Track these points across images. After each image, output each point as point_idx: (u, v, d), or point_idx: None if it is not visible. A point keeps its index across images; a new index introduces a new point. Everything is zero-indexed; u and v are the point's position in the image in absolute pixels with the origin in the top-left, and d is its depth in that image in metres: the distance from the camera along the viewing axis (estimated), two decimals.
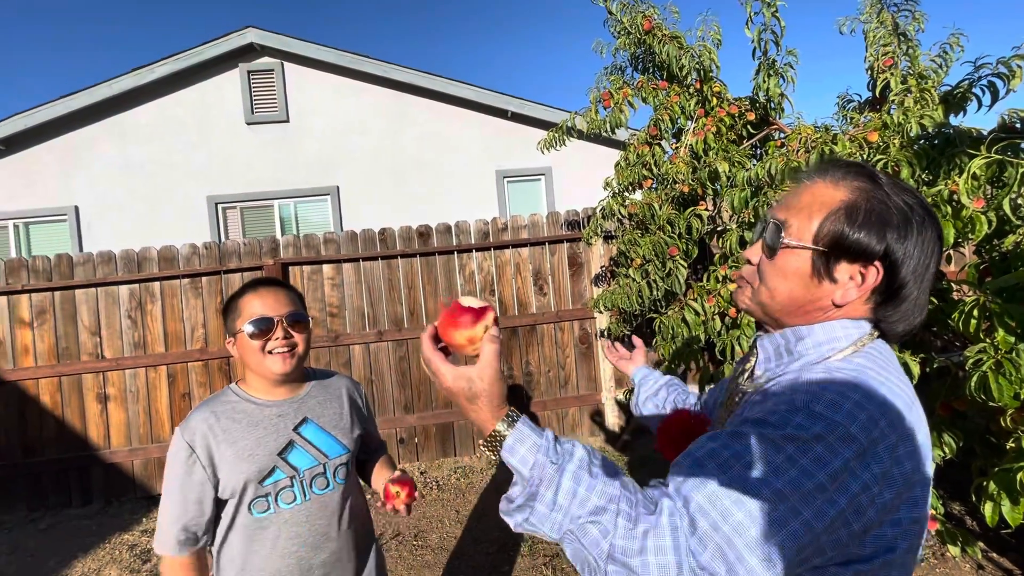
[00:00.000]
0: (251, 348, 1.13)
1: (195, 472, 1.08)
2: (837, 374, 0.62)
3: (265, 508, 1.11)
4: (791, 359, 0.70)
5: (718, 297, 2.32)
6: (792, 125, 2.50)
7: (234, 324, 1.16)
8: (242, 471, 1.09)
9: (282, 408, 1.18)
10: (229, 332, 1.19)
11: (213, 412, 1.13)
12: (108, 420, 3.89)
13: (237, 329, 1.15)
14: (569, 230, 4.14)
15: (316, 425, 1.19)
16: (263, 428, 1.14)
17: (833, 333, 0.68)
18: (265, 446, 1.12)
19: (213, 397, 1.18)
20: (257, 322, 1.12)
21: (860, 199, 0.65)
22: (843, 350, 0.66)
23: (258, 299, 1.15)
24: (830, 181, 0.69)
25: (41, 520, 3.70)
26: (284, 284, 1.23)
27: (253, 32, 6.29)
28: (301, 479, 1.14)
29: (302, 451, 1.16)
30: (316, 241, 4.06)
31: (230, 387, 1.21)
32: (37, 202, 6.31)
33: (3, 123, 6.06)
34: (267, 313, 1.13)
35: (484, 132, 6.78)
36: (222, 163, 6.49)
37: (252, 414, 1.15)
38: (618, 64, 3.24)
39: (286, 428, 1.16)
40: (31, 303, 3.83)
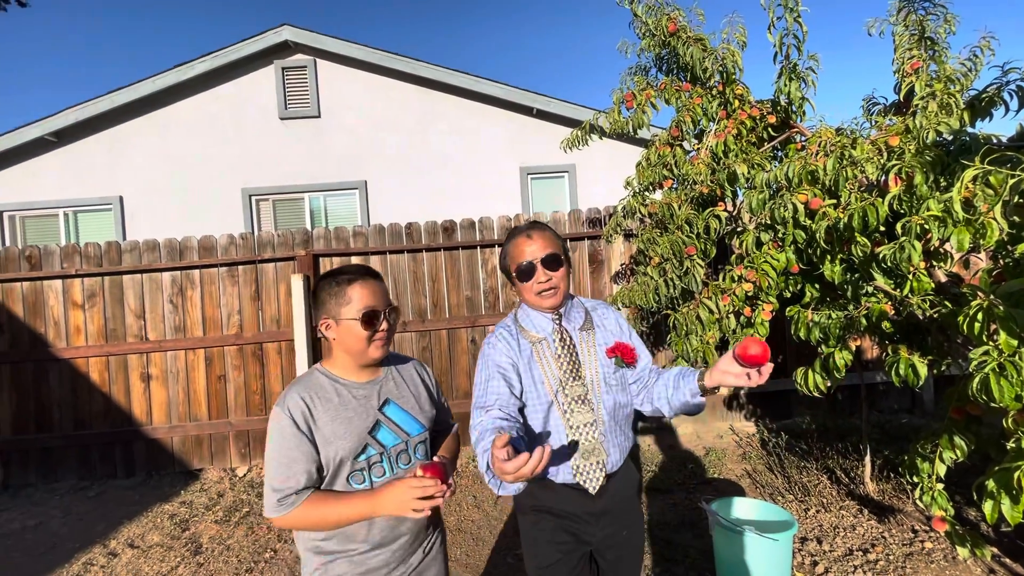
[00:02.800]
0: (357, 335, 1.19)
1: (303, 444, 1.13)
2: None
3: (362, 481, 1.19)
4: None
5: (733, 296, 2.37)
6: (814, 128, 2.53)
7: (339, 309, 1.20)
8: (339, 448, 1.15)
9: (367, 389, 1.25)
10: (329, 315, 1.21)
11: (309, 392, 1.18)
12: (150, 398, 4.15)
13: (343, 315, 1.19)
14: (591, 227, 4.21)
15: (397, 405, 1.27)
16: (353, 408, 1.20)
17: None
18: (357, 425, 1.19)
19: (304, 378, 1.22)
20: (370, 313, 1.19)
21: (554, 232, 1.46)
22: None
23: (368, 290, 1.21)
24: (540, 229, 1.40)
25: (90, 488, 3.98)
26: (379, 276, 1.28)
27: (288, 30, 6.50)
28: (388, 455, 1.22)
29: (387, 430, 1.23)
30: (346, 234, 4.23)
31: (317, 369, 1.26)
32: (85, 192, 6.67)
33: (55, 117, 6.41)
34: (377, 305, 1.21)
35: (509, 129, 6.87)
36: (256, 157, 6.74)
37: (343, 395, 1.21)
38: (642, 65, 3.29)
39: (372, 408, 1.23)
40: (83, 287, 4.11)
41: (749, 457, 3.67)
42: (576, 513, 1.36)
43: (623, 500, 1.41)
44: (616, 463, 1.38)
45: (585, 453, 1.34)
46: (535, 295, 1.37)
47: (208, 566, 2.81)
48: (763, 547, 2.14)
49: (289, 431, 1.13)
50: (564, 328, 1.41)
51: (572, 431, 1.34)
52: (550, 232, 1.41)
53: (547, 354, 1.39)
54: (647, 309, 3.14)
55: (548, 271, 1.35)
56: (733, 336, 2.46)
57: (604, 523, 1.38)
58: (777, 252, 2.30)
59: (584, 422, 1.35)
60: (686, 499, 3.16)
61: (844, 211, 1.96)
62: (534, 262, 1.35)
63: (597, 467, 1.34)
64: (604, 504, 1.37)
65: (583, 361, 1.38)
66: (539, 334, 1.41)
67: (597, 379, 1.38)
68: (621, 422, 1.41)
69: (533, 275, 1.36)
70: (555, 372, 1.37)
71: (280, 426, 1.14)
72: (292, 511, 1.11)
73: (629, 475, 1.46)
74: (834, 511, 2.84)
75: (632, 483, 1.47)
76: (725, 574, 2.27)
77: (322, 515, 1.14)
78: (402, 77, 6.78)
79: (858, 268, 2.10)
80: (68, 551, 3.06)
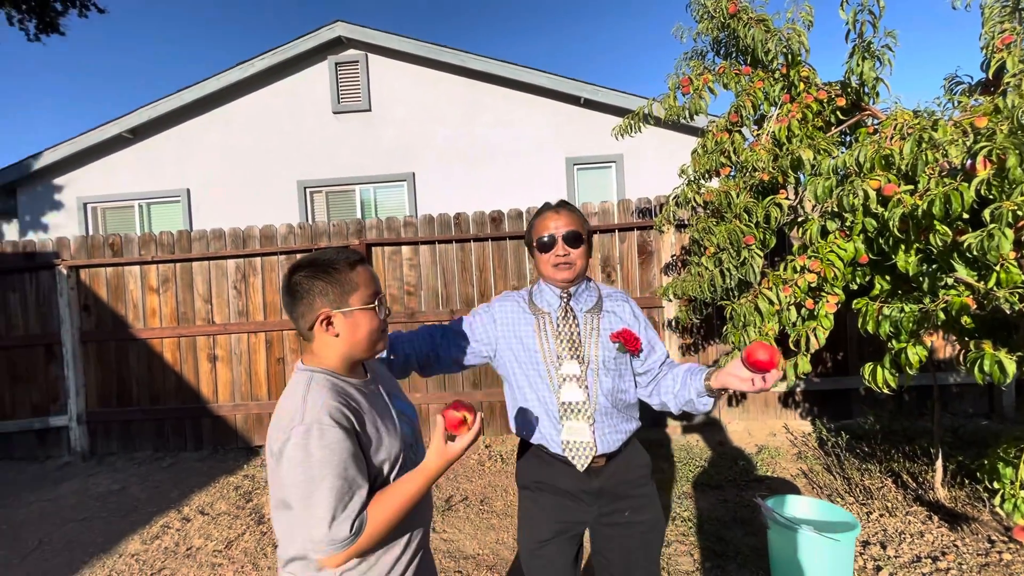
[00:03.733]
0: (371, 325, 1.05)
1: (358, 455, 0.98)
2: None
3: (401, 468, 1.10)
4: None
5: (794, 287, 2.28)
6: (887, 111, 2.38)
7: (346, 299, 1.03)
8: (385, 449, 1.04)
9: (373, 386, 1.13)
10: (332, 307, 1.02)
11: (339, 399, 0.99)
12: (216, 378, 4.42)
13: (353, 304, 1.03)
14: (640, 218, 4.14)
15: (395, 396, 1.19)
16: (377, 408, 1.08)
17: None
18: (388, 422, 1.08)
19: (318, 386, 1.00)
20: (383, 298, 1.08)
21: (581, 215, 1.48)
22: None
23: (370, 274, 1.08)
24: (568, 209, 1.45)
25: (164, 459, 4.30)
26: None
27: (341, 25, 6.69)
28: (411, 443, 1.15)
29: (403, 422, 1.15)
30: (397, 224, 4.34)
31: (317, 373, 1.03)
32: (157, 185, 7.14)
33: (130, 115, 6.89)
34: (380, 289, 1.10)
35: (555, 119, 6.82)
36: (310, 150, 7.00)
37: (362, 396, 1.06)
38: (699, 49, 3.18)
39: (386, 403, 1.13)
40: (158, 272, 4.42)
41: (805, 457, 3.53)
42: (571, 491, 1.40)
43: (624, 482, 1.43)
44: (612, 444, 1.40)
45: (572, 430, 1.38)
46: (551, 267, 1.42)
47: (270, 535, 2.99)
48: (823, 547, 2.06)
49: (341, 444, 0.93)
50: (570, 307, 1.45)
51: (563, 408, 1.39)
52: (578, 215, 1.46)
53: (547, 328, 1.44)
54: (700, 300, 3.07)
55: (567, 246, 1.40)
56: (793, 328, 2.37)
57: (601, 503, 1.41)
58: (844, 241, 2.19)
59: (575, 399, 1.39)
60: (737, 496, 3.08)
61: (922, 197, 1.83)
62: (556, 235, 1.40)
63: (585, 447, 1.38)
64: (601, 483, 1.40)
65: (584, 341, 1.42)
66: (545, 308, 1.47)
67: (596, 361, 1.41)
68: (621, 406, 1.44)
69: (552, 248, 1.41)
70: (552, 347, 1.42)
71: (325, 441, 0.92)
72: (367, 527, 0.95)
73: (633, 458, 1.48)
74: (900, 516, 2.69)
75: (637, 466, 1.47)
76: (781, 574, 2.21)
77: (386, 517, 0.97)
78: (449, 69, 6.85)
79: (936, 258, 1.97)
80: (147, 514, 3.33)
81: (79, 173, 7.14)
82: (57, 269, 4.34)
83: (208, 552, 2.84)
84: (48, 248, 4.41)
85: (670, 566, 2.44)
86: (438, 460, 1.01)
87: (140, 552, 2.88)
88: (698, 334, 4.12)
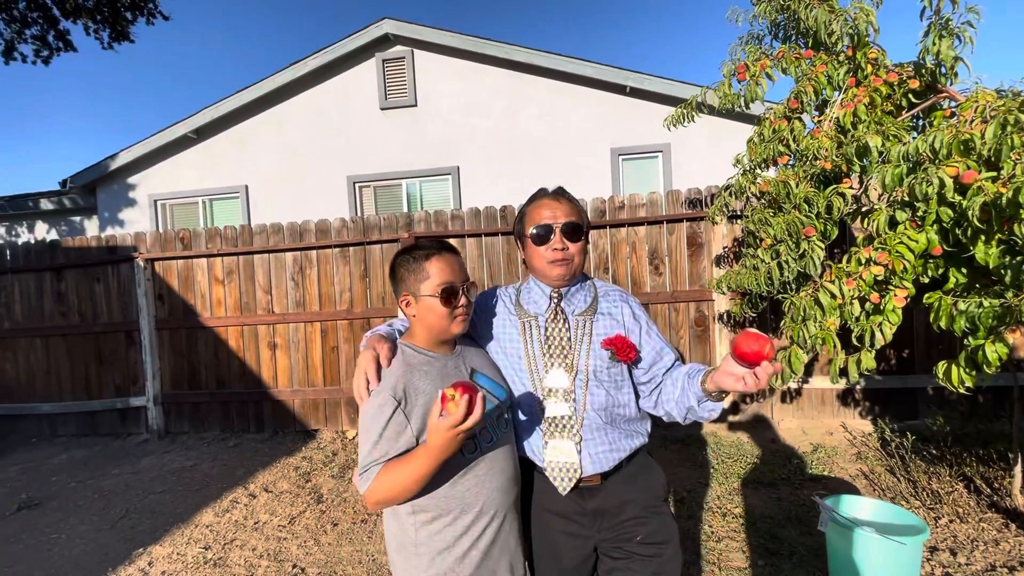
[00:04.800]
0: (437, 311, 1.18)
1: (399, 425, 1.11)
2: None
3: (473, 449, 1.17)
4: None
5: (859, 280, 2.18)
6: (967, 92, 2.22)
7: (418, 285, 1.19)
8: None
9: (455, 360, 1.24)
10: (410, 292, 1.20)
11: (405, 368, 1.16)
12: (276, 365, 4.67)
13: (422, 292, 1.18)
14: (690, 208, 4.05)
15: (481, 374, 1.26)
16: (452, 379, 1.18)
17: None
18: None
19: (396, 360, 1.18)
20: (448, 289, 1.17)
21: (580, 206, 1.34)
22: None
23: (446, 265, 1.19)
24: (568, 198, 1.32)
25: (229, 440, 4.60)
26: (456, 250, 1.26)
27: (388, 23, 6.83)
28: (491, 421, 1.20)
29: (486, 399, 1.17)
30: (444, 217, 4.43)
31: (404, 344, 1.22)
32: (218, 182, 7.56)
33: (196, 116, 7.31)
34: (455, 281, 1.18)
35: (600, 110, 6.73)
36: (359, 146, 7.22)
37: (436, 367, 1.20)
38: (755, 33, 3.06)
39: (466, 377, 1.22)
40: (223, 265, 4.69)
41: (865, 457, 3.38)
42: (564, 512, 1.27)
43: (629, 503, 1.26)
44: (605, 463, 1.24)
45: (555, 450, 1.24)
46: (546, 263, 1.27)
47: (329, 513, 3.15)
48: (887, 551, 1.99)
49: (377, 417, 1.11)
50: (561, 309, 1.30)
51: (547, 424, 1.25)
52: (578, 205, 1.33)
53: (534, 334, 1.29)
54: (755, 294, 2.98)
55: (566, 239, 1.25)
56: (856, 324, 2.27)
57: (602, 524, 1.26)
58: (916, 232, 2.08)
59: (559, 414, 1.24)
60: (791, 495, 3.00)
61: (1007, 185, 1.72)
62: (553, 226, 1.25)
63: (567, 468, 1.23)
64: (598, 504, 1.26)
65: (574, 348, 1.26)
66: (532, 311, 1.32)
67: (587, 371, 1.25)
68: (619, 421, 1.28)
69: (549, 240, 1.26)
70: (538, 354, 1.27)
71: (370, 412, 1.12)
72: (371, 482, 1.09)
73: (641, 476, 1.30)
74: (972, 522, 2.55)
75: (646, 486, 1.30)
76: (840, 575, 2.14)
77: (390, 484, 1.08)
78: (493, 62, 6.87)
79: (1021, 250, 1.84)
80: (218, 489, 3.58)
81: (150, 172, 7.66)
82: (135, 261, 4.69)
83: (273, 527, 3.03)
84: (127, 242, 4.77)
85: (721, 561, 2.42)
86: (431, 436, 1.02)
87: (213, 523, 3.11)
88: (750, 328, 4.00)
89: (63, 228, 8.46)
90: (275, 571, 2.58)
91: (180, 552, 2.79)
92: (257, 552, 2.76)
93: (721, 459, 3.54)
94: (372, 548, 2.74)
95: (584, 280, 1.37)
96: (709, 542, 2.58)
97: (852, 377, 2.23)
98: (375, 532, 2.91)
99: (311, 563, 2.64)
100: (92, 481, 3.85)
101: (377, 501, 1.10)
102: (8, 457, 4.50)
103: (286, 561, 2.67)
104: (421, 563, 1.15)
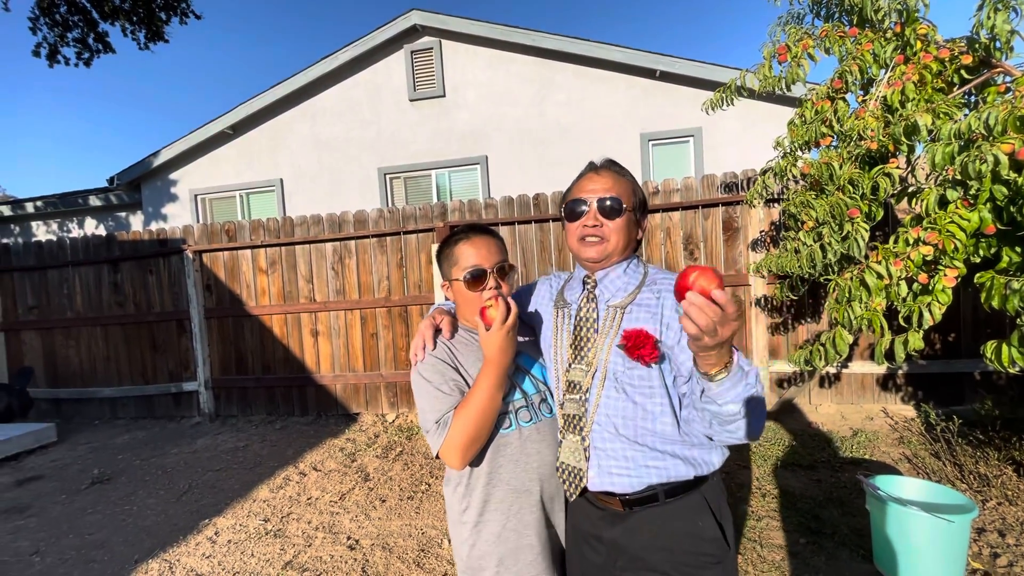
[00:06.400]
0: (465, 295, 1.20)
1: (449, 377, 1.16)
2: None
3: (508, 425, 1.18)
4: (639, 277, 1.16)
5: (907, 260, 2.17)
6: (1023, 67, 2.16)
7: (450, 271, 1.23)
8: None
9: None
10: (444, 277, 1.25)
11: (449, 342, 1.22)
12: (318, 351, 4.86)
13: (453, 276, 1.22)
14: (726, 192, 4.02)
15: (528, 356, 1.26)
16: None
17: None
18: None
19: (441, 336, 1.24)
20: (473, 272, 1.18)
21: (632, 182, 1.17)
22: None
23: (472, 248, 1.20)
24: (614, 172, 1.15)
25: (276, 422, 4.82)
26: (492, 232, 1.25)
27: (416, 14, 6.88)
28: (531, 401, 1.21)
29: (525, 377, 1.23)
30: (478, 206, 4.50)
31: (457, 321, 1.29)
32: (254, 176, 7.80)
33: (231, 112, 7.53)
34: (481, 264, 1.18)
35: (629, 95, 6.67)
36: (389, 137, 7.33)
37: (476, 345, 1.22)
38: (795, 12, 3.02)
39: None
40: (266, 255, 4.88)
41: (908, 442, 3.35)
42: (586, 532, 1.14)
43: (649, 550, 1.05)
44: (624, 485, 1.05)
45: (568, 448, 1.13)
46: (577, 240, 1.14)
47: (377, 491, 3.30)
48: (933, 529, 2.00)
49: (437, 368, 1.16)
50: (594, 295, 1.15)
51: (563, 420, 1.15)
52: (627, 180, 1.15)
53: (564, 325, 1.18)
54: (796, 277, 2.97)
55: (601, 216, 1.11)
56: (903, 304, 2.26)
57: (618, 564, 1.07)
58: (967, 211, 2.05)
59: (571, 412, 1.13)
60: (831, 477, 3.01)
61: None
62: (588, 199, 1.12)
63: (574, 473, 1.11)
64: (617, 537, 1.07)
65: (596, 343, 1.10)
66: (570, 299, 1.21)
67: (604, 370, 1.08)
68: (646, 437, 1.05)
69: (582, 216, 1.12)
70: (565, 347, 1.16)
71: (427, 366, 1.17)
72: (448, 428, 1.10)
73: (677, 520, 1.05)
74: (1021, 505, 2.52)
75: (682, 535, 1.04)
76: (885, 554, 2.16)
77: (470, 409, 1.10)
78: (520, 50, 6.87)
79: None
80: (270, 468, 3.78)
81: (190, 167, 7.94)
82: (184, 253, 4.92)
83: (325, 502, 3.20)
84: (176, 235, 5.00)
85: (763, 539, 2.46)
86: (486, 350, 1.09)
87: (269, 498, 3.29)
88: (788, 313, 3.98)
89: (110, 223, 8.87)
90: (331, 542, 2.74)
91: (242, 523, 2.98)
92: (313, 525, 2.93)
93: (759, 442, 3.56)
94: (420, 523, 2.88)
95: (632, 266, 1.17)
96: (749, 521, 2.63)
97: (899, 358, 2.23)
98: (422, 508, 3.05)
99: (364, 535, 2.79)
100: (155, 459, 4.11)
101: (459, 445, 1.10)
102: (75, 437, 4.82)
103: (340, 533, 2.82)
104: (460, 537, 1.21)
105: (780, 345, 4.04)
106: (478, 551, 1.19)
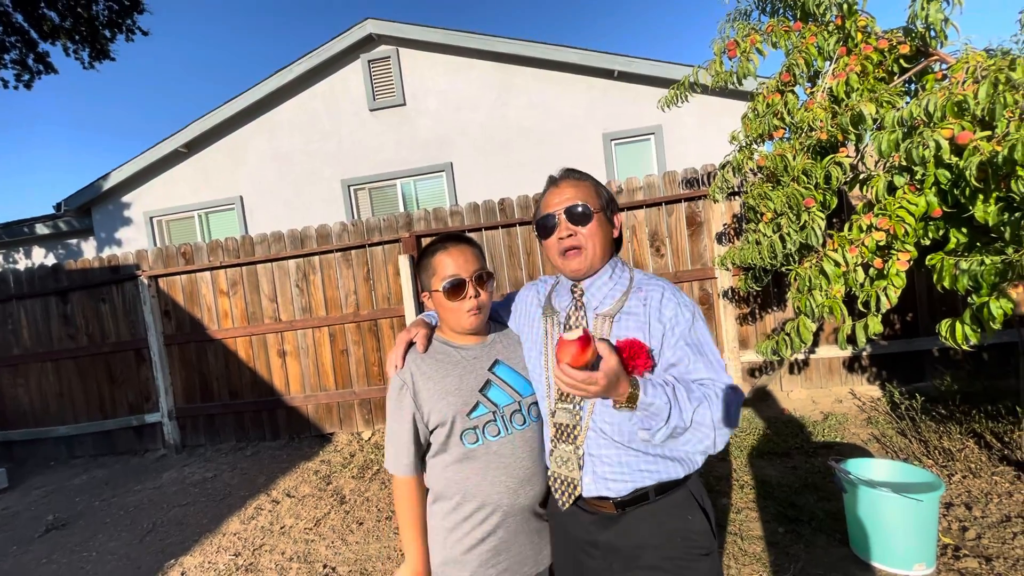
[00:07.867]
0: (445, 305, 1.21)
1: (404, 404, 1.20)
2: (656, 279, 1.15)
3: (474, 440, 1.19)
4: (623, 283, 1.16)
5: (861, 247, 2.22)
6: (957, 54, 2.24)
7: (429, 282, 1.23)
8: (450, 404, 1.18)
9: (476, 351, 1.25)
10: (424, 287, 1.26)
11: (418, 354, 1.24)
12: (287, 372, 4.71)
13: (432, 287, 1.23)
14: (687, 188, 4.07)
15: (507, 366, 1.25)
16: (463, 367, 1.22)
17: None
18: (467, 383, 1.20)
19: (414, 351, 1.25)
20: (452, 281, 1.18)
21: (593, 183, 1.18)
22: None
23: (450, 258, 1.20)
24: (573, 179, 1.17)
25: (246, 449, 4.64)
26: (469, 240, 1.25)
27: (371, 23, 6.79)
28: (502, 414, 1.21)
29: (499, 389, 1.22)
30: (444, 214, 4.44)
31: (433, 335, 1.30)
32: (213, 194, 7.55)
33: (185, 130, 7.28)
34: (459, 273, 1.19)
35: (589, 95, 6.73)
36: (351, 148, 7.20)
37: (452, 356, 1.24)
38: (742, 9, 3.07)
39: (483, 368, 1.23)
40: (227, 276, 4.71)
41: (875, 422, 3.44)
42: (579, 539, 1.14)
43: (643, 548, 1.08)
44: (618, 489, 1.08)
45: (560, 458, 1.14)
46: (558, 255, 1.15)
47: (353, 513, 3.20)
48: (904, 508, 2.04)
49: (393, 397, 1.23)
50: (583, 305, 1.15)
51: (555, 429, 1.16)
52: (588, 183, 1.17)
53: (554, 334, 1.18)
54: (759, 268, 3.01)
55: (572, 224, 1.11)
56: (861, 290, 2.31)
57: (615, 566, 1.09)
58: (915, 196, 2.11)
59: (563, 422, 1.14)
60: (806, 463, 3.05)
61: (1001, 143, 1.75)
62: (556, 214, 1.12)
63: (567, 483, 1.13)
64: (611, 539, 1.09)
65: None
66: (557, 307, 1.21)
67: None
68: (639, 442, 1.06)
69: (554, 230, 1.13)
70: (554, 356, 1.10)
71: (391, 391, 1.24)
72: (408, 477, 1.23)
73: (666, 515, 1.08)
74: (985, 477, 2.60)
75: (671, 530, 1.08)
76: (860, 536, 2.20)
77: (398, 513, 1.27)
78: (479, 55, 6.85)
79: (1019, 206, 1.88)
80: (240, 498, 3.62)
81: (144, 189, 7.64)
82: (139, 279, 4.70)
83: (300, 530, 3.08)
84: (129, 260, 4.78)
85: (743, 531, 2.47)
86: None
87: (240, 531, 3.15)
88: (755, 303, 4.04)
89: (60, 252, 8.46)
90: (306, 572, 2.63)
91: (211, 561, 2.84)
92: (287, 556, 2.81)
93: (734, 432, 3.59)
94: (399, 544, 2.79)
95: (617, 271, 1.18)
96: (729, 514, 2.64)
97: (860, 342, 2.27)
98: None
99: (340, 562, 2.69)
100: (116, 499, 3.89)
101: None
102: (28, 481, 4.55)
103: (316, 562, 2.71)
104: (435, 546, 1.24)
105: (749, 335, 4.10)
106: (449, 563, 1.21)
